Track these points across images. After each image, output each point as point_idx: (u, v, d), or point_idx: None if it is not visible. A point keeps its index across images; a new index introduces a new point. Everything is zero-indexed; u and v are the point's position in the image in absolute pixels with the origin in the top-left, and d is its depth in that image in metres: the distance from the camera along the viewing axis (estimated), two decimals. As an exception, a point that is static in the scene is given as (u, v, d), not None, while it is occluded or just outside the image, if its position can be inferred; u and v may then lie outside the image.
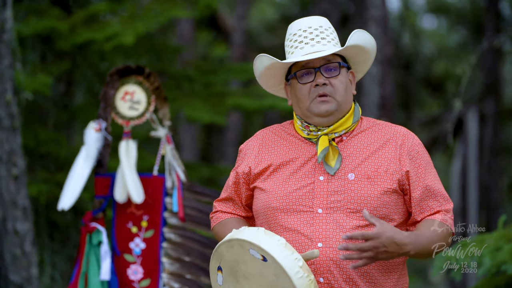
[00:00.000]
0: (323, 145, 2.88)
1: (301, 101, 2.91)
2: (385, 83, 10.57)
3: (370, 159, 2.88)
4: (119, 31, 6.73)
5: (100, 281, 4.17)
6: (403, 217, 2.91)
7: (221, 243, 2.76)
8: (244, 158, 3.01)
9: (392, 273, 2.87)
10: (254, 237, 2.67)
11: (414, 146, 2.92)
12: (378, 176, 2.85)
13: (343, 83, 2.91)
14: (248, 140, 3.07)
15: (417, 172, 2.89)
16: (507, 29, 12.80)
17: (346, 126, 2.93)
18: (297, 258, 2.65)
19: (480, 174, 11.93)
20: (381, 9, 9.23)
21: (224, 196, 3.07)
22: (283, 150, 2.96)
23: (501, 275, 4.52)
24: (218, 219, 3.06)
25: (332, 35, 2.95)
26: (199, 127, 13.95)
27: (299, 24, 2.95)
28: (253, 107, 7.89)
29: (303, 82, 2.90)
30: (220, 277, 2.81)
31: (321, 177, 2.87)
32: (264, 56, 2.95)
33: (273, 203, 2.88)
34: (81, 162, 4.24)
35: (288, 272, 2.62)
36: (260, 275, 2.70)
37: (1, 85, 5.27)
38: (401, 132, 2.95)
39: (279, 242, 2.66)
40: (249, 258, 2.70)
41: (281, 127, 3.03)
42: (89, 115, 6.77)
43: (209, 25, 14.73)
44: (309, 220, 2.83)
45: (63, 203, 4.22)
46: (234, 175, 3.02)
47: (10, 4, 5.34)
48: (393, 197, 2.86)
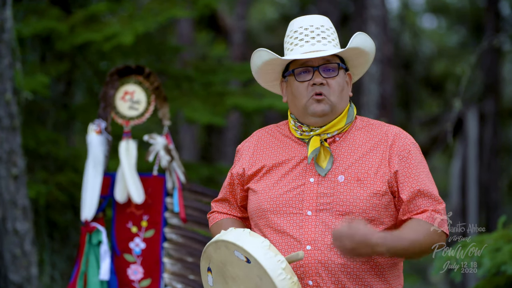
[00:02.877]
0: (314, 146, 2.87)
1: (297, 99, 2.90)
2: (385, 83, 10.57)
3: (361, 160, 2.86)
4: (118, 31, 6.73)
5: (99, 281, 4.17)
6: (394, 220, 2.86)
7: (208, 244, 2.76)
8: (240, 159, 3.01)
9: (383, 275, 2.84)
10: (238, 239, 2.67)
11: (405, 146, 2.88)
12: (368, 178, 2.82)
13: (340, 84, 2.90)
14: (245, 141, 3.06)
15: (406, 172, 2.84)
16: (507, 29, 12.80)
17: (339, 127, 2.91)
18: (280, 260, 2.64)
19: (480, 174, 11.93)
20: (380, 9, 9.23)
21: (220, 197, 3.07)
22: (277, 151, 2.95)
23: (501, 275, 4.52)
24: (214, 220, 3.06)
25: (333, 35, 2.94)
26: (199, 127, 13.94)
27: (300, 21, 2.94)
28: (252, 107, 7.89)
29: (300, 80, 2.89)
30: (210, 278, 2.81)
31: (311, 179, 2.85)
32: (263, 51, 2.93)
33: (264, 204, 2.87)
34: (91, 170, 4.23)
35: (270, 274, 2.61)
36: (245, 276, 2.70)
37: (1, 85, 5.27)
38: (392, 132, 2.91)
39: (263, 244, 2.65)
40: (235, 259, 2.70)
41: (276, 128, 3.02)
42: (88, 115, 6.77)
43: (208, 24, 14.73)
44: (298, 222, 2.82)
45: (85, 214, 4.22)
46: (229, 176, 3.02)
47: (9, 4, 5.34)
48: (383, 199, 2.82)
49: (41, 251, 6.65)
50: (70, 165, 7.06)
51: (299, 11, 16.06)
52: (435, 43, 17.44)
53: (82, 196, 4.23)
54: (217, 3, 8.00)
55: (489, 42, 9.46)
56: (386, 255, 2.74)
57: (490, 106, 12.02)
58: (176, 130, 12.42)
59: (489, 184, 11.92)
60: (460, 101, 6.55)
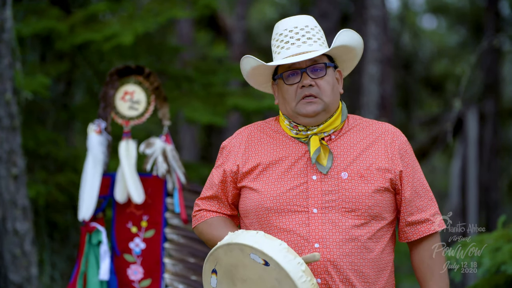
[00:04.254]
0: (315, 146, 2.88)
1: (288, 102, 2.91)
2: (385, 83, 10.56)
3: (361, 157, 2.89)
4: (118, 31, 6.73)
5: (99, 281, 4.17)
6: (392, 216, 2.92)
7: (218, 247, 2.75)
8: (229, 155, 2.99)
9: (384, 272, 2.88)
10: (255, 242, 2.66)
11: (403, 145, 2.94)
12: (370, 174, 2.86)
13: (329, 83, 2.90)
14: (231, 137, 3.04)
15: (407, 171, 2.91)
16: (507, 29, 12.80)
17: (335, 125, 2.93)
18: (300, 262, 2.65)
19: (480, 174, 11.92)
20: (380, 9, 9.21)
21: (209, 194, 3.02)
22: (272, 148, 2.95)
23: (501, 274, 4.52)
24: (202, 218, 3.03)
25: (318, 34, 2.94)
26: (199, 127, 13.94)
27: (285, 24, 2.94)
28: (252, 107, 7.89)
29: (289, 83, 2.90)
30: (214, 279, 2.80)
31: (314, 177, 2.86)
32: (250, 58, 2.94)
33: (266, 203, 2.87)
34: (90, 169, 4.23)
35: (292, 276, 2.62)
36: (260, 279, 2.69)
37: (1, 85, 5.27)
38: (389, 129, 2.96)
39: (281, 247, 2.66)
40: (250, 262, 2.69)
41: (266, 124, 3.02)
42: (88, 115, 6.77)
43: (208, 25, 14.72)
44: (305, 220, 2.83)
45: (82, 214, 4.21)
46: (221, 173, 2.98)
47: (9, 4, 5.34)
48: (385, 195, 2.88)
49: (41, 251, 6.65)
50: (70, 165, 7.06)
51: (299, 11, 16.05)
52: (435, 43, 17.43)
53: (79, 196, 4.22)
54: (217, 3, 8.00)
55: (489, 42, 9.46)
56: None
57: (490, 106, 12.02)
58: (176, 130, 12.42)
59: (489, 184, 11.91)
60: (460, 101, 6.55)
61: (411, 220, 2.92)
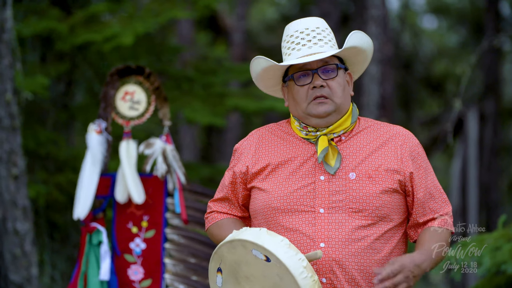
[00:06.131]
0: (323, 145, 2.88)
1: (298, 103, 2.91)
2: (385, 83, 10.57)
3: (370, 158, 2.89)
4: (118, 31, 6.73)
5: (99, 281, 4.17)
6: (402, 217, 2.91)
7: (222, 244, 2.75)
8: (240, 157, 3.00)
9: None
10: (257, 238, 2.67)
11: (414, 147, 2.93)
12: (379, 175, 2.86)
13: (340, 84, 2.91)
14: (243, 140, 3.06)
15: (418, 173, 2.90)
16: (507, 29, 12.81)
17: (344, 126, 2.93)
18: (301, 258, 2.65)
19: (480, 174, 11.92)
20: (381, 9, 9.22)
21: (220, 196, 3.05)
22: (281, 149, 2.95)
23: (501, 274, 4.52)
24: (213, 220, 3.05)
25: (329, 36, 2.94)
26: (199, 127, 13.94)
27: (296, 25, 2.94)
28: (253, 108, 7.90)
29: (300, 84, 2.90)
30: (219, 278, 2.81)
31: (321, 177, 2.87)
32: (261, 58, 2.94)
33: (274, 203, 2.87)
34: (88, 169, 4.23)
35: (292, 272, 2.62)
36: (262, 275, 2.70)
37: (1, 85, 5.27)
38: (400, 132, 2.95)
39: (283, 243, 2.66)
40: (252, 258, 2.69)
41: (278, 126, 3.03)
42: (89, 115, 6.77)
43: (208, 25, 14.73)
44: (311, 220, 2.83)
45: (78, 212, 4.20)
46: (231, 175, 3.00)
47: (10, 4, 5.34)
48: (394, 196, 2.87)
49: (41, 251, 6.66)
50: (70, 166, 7.06)
51: (299, 11, 16.06)
52: (435, 43, 17.44)
53: (76, 194, 4.22)
54: (216, 3, 8.00)
55: (489, 42, 9.46)
56: (428, 271, 2.83)
57: (490, 106, 12.02)
58: (176, 130, 12.41)
59: (489, 184, 11.92)
60: (460, 101, 6.55)
61: (423, 221, 2.91)
